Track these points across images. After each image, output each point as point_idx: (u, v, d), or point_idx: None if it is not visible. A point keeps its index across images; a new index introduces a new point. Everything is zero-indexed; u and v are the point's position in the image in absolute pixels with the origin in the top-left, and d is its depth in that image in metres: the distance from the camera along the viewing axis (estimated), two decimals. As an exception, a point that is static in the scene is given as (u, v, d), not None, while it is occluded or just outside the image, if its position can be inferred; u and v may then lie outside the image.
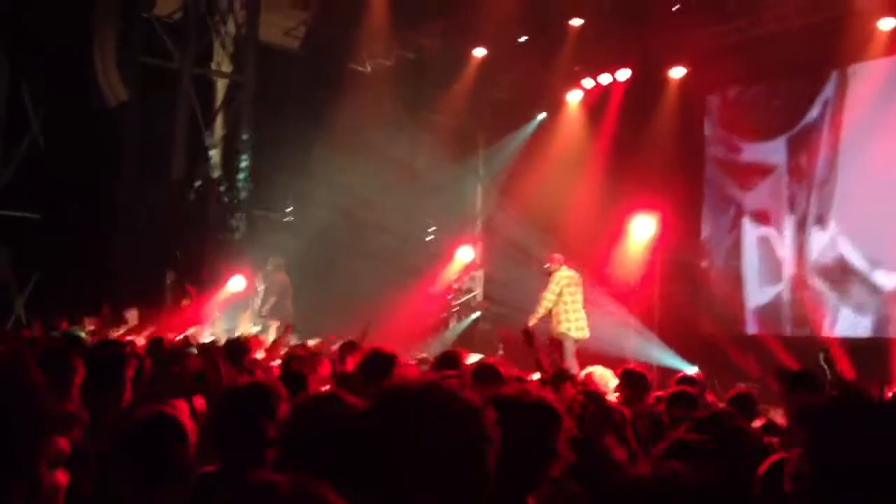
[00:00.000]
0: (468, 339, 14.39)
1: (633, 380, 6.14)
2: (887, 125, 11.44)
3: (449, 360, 6.28)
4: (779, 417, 6.18)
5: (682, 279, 13.21)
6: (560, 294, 11.14)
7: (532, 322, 10.89)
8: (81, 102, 13.29)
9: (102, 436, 3.88)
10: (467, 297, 15.87)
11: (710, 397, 6.32)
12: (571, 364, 10.11)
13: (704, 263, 13.59)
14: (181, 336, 8.82)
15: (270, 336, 11.57)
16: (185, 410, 3.79)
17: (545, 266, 11.54)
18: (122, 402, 4.51)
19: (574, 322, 11.14)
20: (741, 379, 11.34)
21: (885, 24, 11.44)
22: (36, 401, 1.60)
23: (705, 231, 13.77)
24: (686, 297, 13.11)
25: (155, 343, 7.05)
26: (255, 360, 7.12)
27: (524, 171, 15.01)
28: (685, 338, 12.61)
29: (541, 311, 11.13)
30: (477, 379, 5.75)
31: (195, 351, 6.90)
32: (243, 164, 14.56)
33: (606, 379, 6.62)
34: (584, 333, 11.22)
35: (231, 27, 15.27)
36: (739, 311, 13.08)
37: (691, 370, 12.49)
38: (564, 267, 11.35)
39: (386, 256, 14.32)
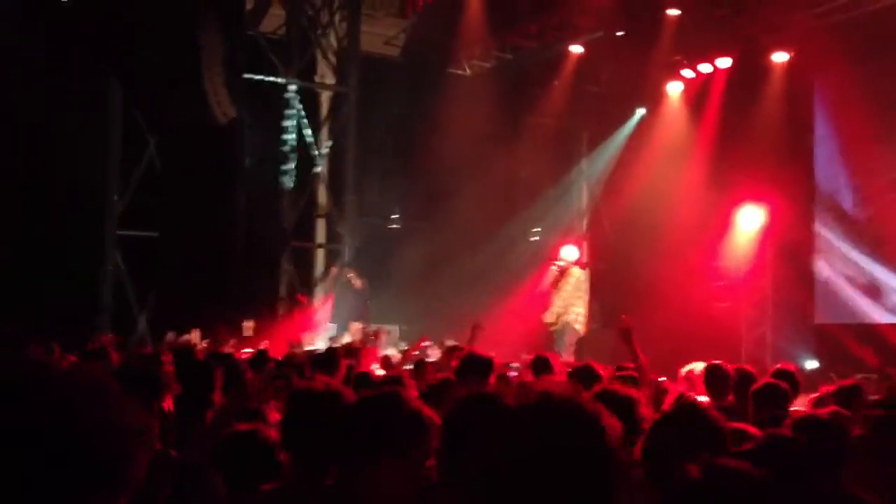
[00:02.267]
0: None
1: (715, 377, 6.07)
2: None
3: (542, 363, 6.36)
4: None
5: (793, 270, 12.84)
6: (575, 289, 11.66)
7: (548, 319, 11.50)
8: (193, 122, 13.81)
9: (192, 447, 4.07)
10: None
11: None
12: (569, 356, 10.46)
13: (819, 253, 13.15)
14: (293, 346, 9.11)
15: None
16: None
17: (556, 264, 12.02)
18: (210, 415, 4.69)
19: (578, 317, 11.94)
20: (860, 370, 11.00)
21: None
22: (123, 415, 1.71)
23: (818, 220, 13.32)
24: (798, 288, 12.73)
25: (259, 356, 7.31)
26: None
27: (628, 167, 14.86)
28: (799, 329, 12.26)
29: (558, 307, 11.69)
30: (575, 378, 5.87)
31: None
32: (348, 174, 14.89)
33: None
34: (583, 328, 12.05)
35: (333, 40, 15.64)
36: (854, 301, 12.61)
37: (811, 364, 12.23)
38: (576, 266, 11.86)
39: (491, 260, 14.42)
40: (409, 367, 8.14)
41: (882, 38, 11.88)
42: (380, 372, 7.50)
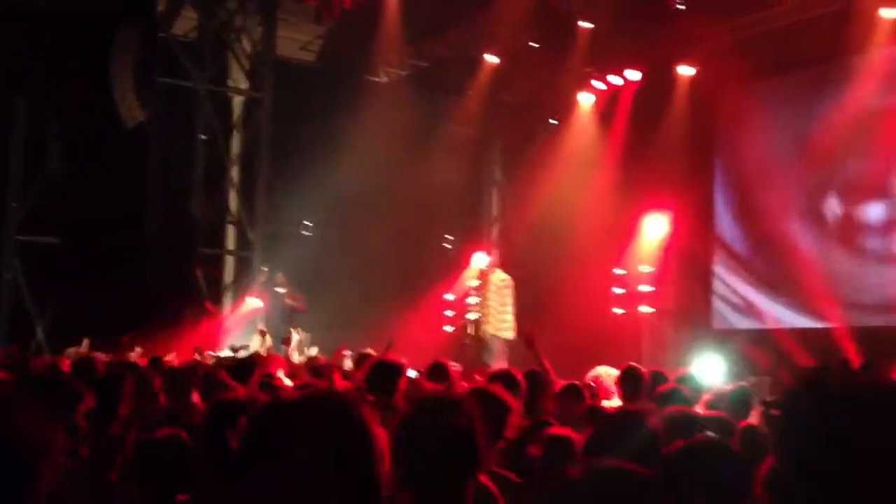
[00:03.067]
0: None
1: (631, 379, 6.20)
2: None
3: (438, 370, 6.43)
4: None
5: (694, 277, 13.21)
6: (497, 295, 11.78)
7: (477, 332, 11.59)
8: (100, 126, 13.52)
9: (101, 459, 4.00)
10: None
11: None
12: (501, 363, 10.57)
13: (718, 261, 13.57)
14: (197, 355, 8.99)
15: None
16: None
17: (478, 268, 12.16)
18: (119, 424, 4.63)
19: (505, 323, 12.07)
20: (754, 373, 11.38)
21: (887, 13, 11.38)
22: (29, 430, 1.68)
23: (719, 228, 13.74)
24: (699, 295, 13.11)
25: (154, 363, 7.20)
26: (271, 377, 7.20)
27: (539, 175, 15.07)
28: (701, 333, 12.62)
29: (485, 314, 11.79)
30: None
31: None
32: (261, 181, 14.74)
33: (613, 379, 6.70)
34: (512, 334, 12.05)
35: (247, 44, 15.46)
36: (754, 306, 13.02)
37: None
38: (499, 270, 11.93)
39: (403, 265, 14.45)
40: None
41: (779, 55, 12.32)
42: (287, 381, 7.44)
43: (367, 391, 5.53)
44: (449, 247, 16.04)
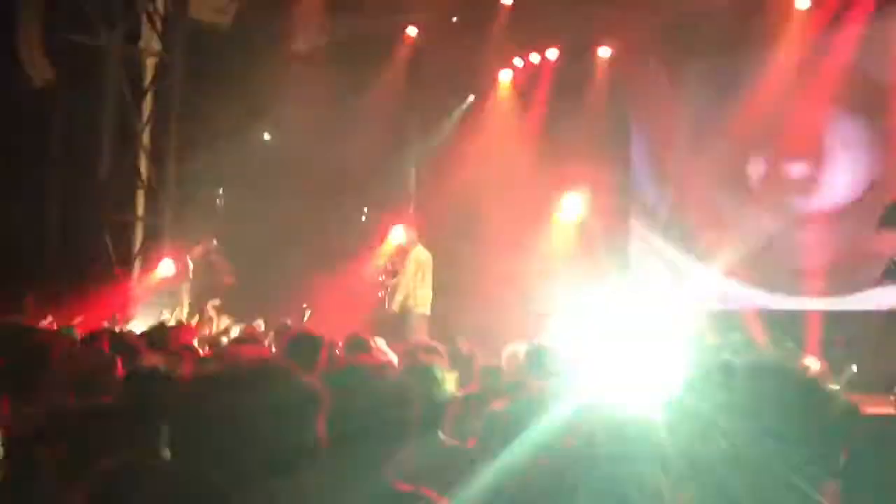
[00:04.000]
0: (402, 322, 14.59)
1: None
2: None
3: (358, 343, 6.45)
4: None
5: (610, 257, 13.48)
6: (416, 271, 11.88)
7: (396, 306, 11.65)
8: (6, 82, 12.99)
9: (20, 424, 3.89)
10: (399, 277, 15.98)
11: None
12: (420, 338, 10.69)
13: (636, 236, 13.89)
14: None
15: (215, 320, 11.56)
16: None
17: (403, 240, 12.26)
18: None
19: (422, 298, 12.08)
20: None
21: (802, 3, 11.75)
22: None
23: (634, 209, 14.04)
24: (613, 274, 13.37)
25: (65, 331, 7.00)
26: (187, 346, 7.09)
27: (458, 151, 15.10)
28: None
29: (403, 290, 11.94)
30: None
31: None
32: (172, 145, 14.39)
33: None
34: (427, 310, 12.13)
35: (160, 4, 15.01)
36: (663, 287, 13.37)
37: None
38: (420, 245, 12.04)
39: (319, 239, 14.33)
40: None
41: (701, 40, 12.60)
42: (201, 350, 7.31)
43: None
44: (365, 220, 15.95)
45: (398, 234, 14.99)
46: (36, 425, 3.78)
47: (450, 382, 5.65)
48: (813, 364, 11.09)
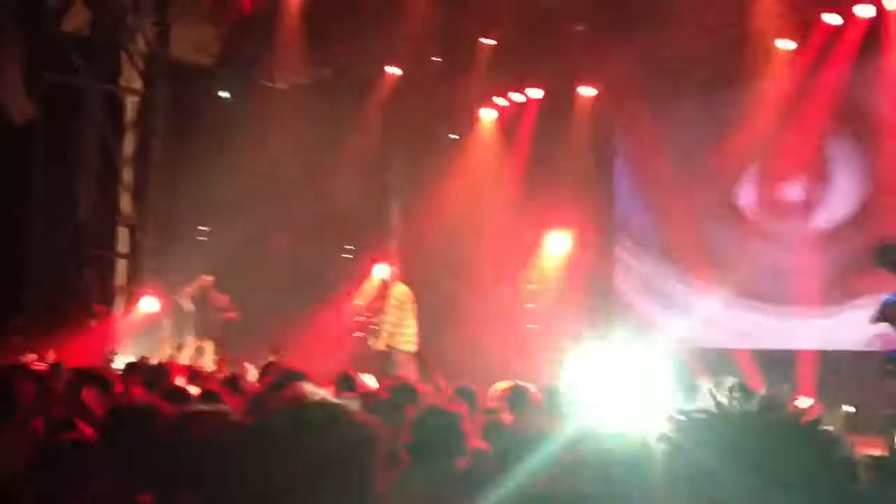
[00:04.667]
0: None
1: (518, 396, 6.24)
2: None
3: (346, 381, 6.40)
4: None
5: (597, 294, 13.49)
6: (399, 308, 11.83)
7: (379, 345, 11.57)
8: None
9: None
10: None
11: None
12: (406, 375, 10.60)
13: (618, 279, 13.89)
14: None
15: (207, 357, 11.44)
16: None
17: (382, 277, 12.23)
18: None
19: (407, 336, 11.98)
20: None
21: (783, 44, 11.92)
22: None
23: (619, 247, 14.08)
24: (601, 311, 13.38)
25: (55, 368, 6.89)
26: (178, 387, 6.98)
27: (440, 189, 15.12)
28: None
29: (386, 329, 11.85)
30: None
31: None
32: (153, 182, 14.34)
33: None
34: (414, 347, 12.00)
35: (141, 43, 15.04)
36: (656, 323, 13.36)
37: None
38: (400, 283, 12.00)
39: (302, 276, 14.25)
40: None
41: (682, 79, 12.75)
42: (192, 389, 7.20)
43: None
44: (350, 257, 15.89)
45: (380, 272, 14.97)
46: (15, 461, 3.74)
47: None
48: (806, 403, 11.10)
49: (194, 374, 8.38)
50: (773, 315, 12.20)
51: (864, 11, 11.40)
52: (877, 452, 7.17)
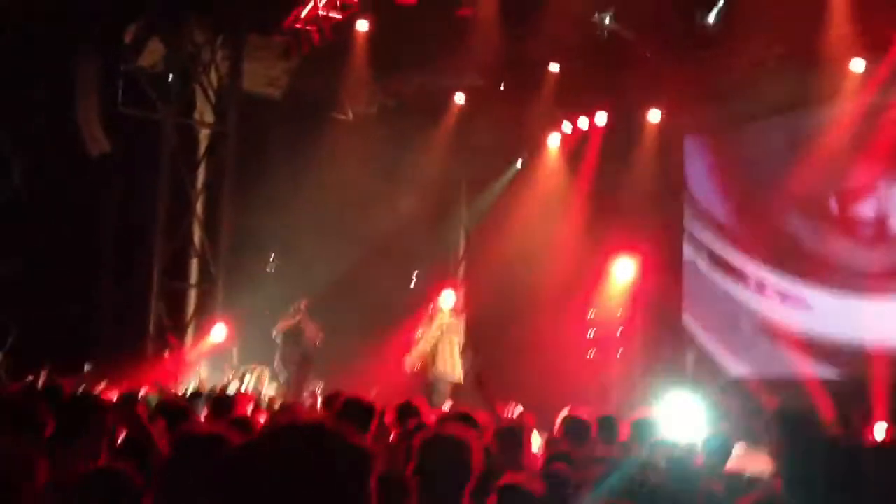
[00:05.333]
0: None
1: (574, 426, 6.12)
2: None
3: (408, 409, 6.35)
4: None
5: (664, 323, 13.25)
6: (441, 338, 11.71)
7: (408, 365, 11.49)
8: (64, 153, 13.32)
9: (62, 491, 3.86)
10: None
11: None
12: (446, 406, 10.46)
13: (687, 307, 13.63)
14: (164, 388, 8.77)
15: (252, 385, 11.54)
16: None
17: (432, 305, 12.10)
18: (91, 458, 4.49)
19: (451, 366, 11.90)
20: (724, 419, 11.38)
21: (856, 65, 11.62)
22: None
23: (686, 275, 13.82)
24: (669, 339, 13.14)
25: (127, 399, 7.00)
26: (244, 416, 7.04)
27: (506, 216, 15.11)
28: (672, 380, 12.64)
29: (419, 352, 11.72)
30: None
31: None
32: (225, 214, 14.61)
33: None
34: (459, 377, 11.93)
35: (214, 78, 15.38)
36: (723, 352, 13.08)
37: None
38: (446, 311, 11.87)
39: (370, 302, 14.33)
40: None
41: (752, 103, 12.52)
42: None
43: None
44: (414, 285, 15.95)
45: (446, 299, 14.96)
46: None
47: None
48: (882, 429, 10.73)
49: (260, 404, 8.47)
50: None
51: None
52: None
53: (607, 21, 11.98)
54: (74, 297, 12.42)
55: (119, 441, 5.31)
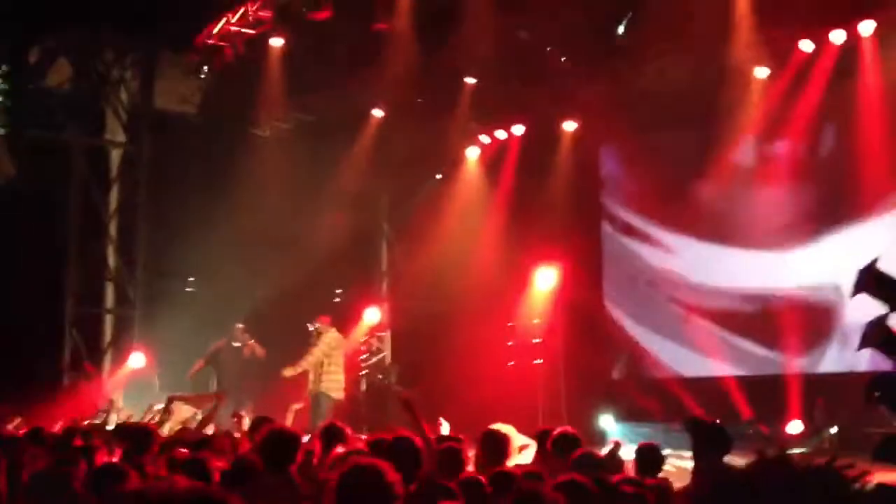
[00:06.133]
0: (381, 402, 14.43)
1: (493, 441, 6.09)
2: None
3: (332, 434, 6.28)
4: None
5: (586, 328, 13.42)
6: (327, 355, 11.82)
7: (288, 374, 11.63)
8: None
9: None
10: (376, 358, 15.90)
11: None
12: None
13: (607, 311, 13.85)
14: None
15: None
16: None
17: (315, 326, 12.19)
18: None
19: (335, 383, 12.06)
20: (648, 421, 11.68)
21: (760, 72, 11.99)
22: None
23: (606, 281, 14.05)
24: (590, 345, 13.31)
25: (34, 434, 6.78)
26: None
27: (428, 229, 15.11)
28: (593, 385, 12.82)
29: (303, 365, 11.79)
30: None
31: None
32: (141, 236, 14.29)
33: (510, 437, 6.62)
34: (341, 395, 12.20)
35: (124, 96, 15.05)
36: (643, 356, 13.34)
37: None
38: (333, 329, 11.98)
39: (292, 321, 14.15)
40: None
41: (661, 112, 12.79)
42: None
43: (263, 463, 5.30)
44: (339, 301, 15.84)
45: (371, 315, 14.90)
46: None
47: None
48: (796, 427, 11.06)
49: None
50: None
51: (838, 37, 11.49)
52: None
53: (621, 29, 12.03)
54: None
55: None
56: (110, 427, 8.95)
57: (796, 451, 10.30)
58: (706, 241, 13.00)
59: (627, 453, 6.50)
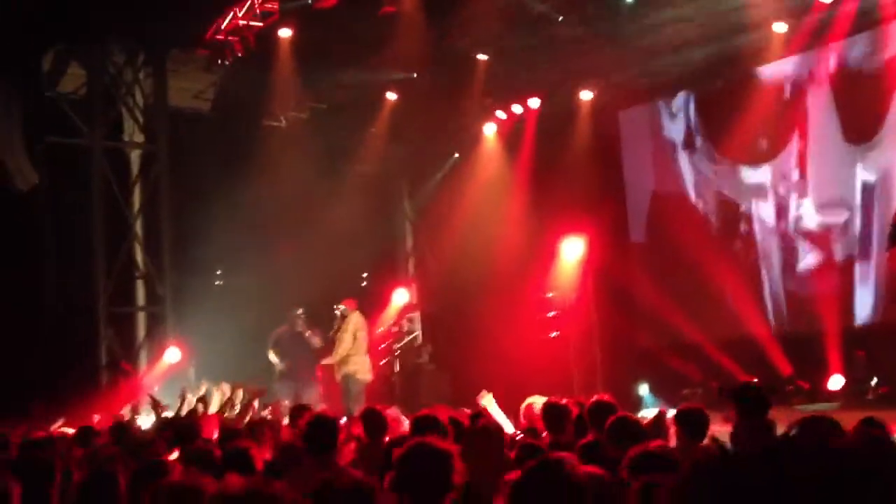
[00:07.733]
0: (415, 382, 14.47)
1: (554, 413, 6.09)
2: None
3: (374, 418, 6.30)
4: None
5: (614, 297, 13.37)
6: (354, 338, 11.87)
7: (326, 363, 11.62)
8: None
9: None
10: (408, 338, 15.92)
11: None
12: (359, 406, 10.55)
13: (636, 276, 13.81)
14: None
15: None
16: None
17: (340, 309, 12.19)
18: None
19: (361, 365, 12.10)
20: (685, 385, 11.64)
21: (778, 27, 11.84)
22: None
23: (634, 245, 14.00)
24: (620, 314, 13.27)
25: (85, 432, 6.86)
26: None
27: (452, 207, 15.12)
28: (625, 354, 12.79)
29: (340, 353, 11.82)
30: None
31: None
32: (166, 233, 14.38)
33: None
34: (369, 377, 12.23)
35: (139, 97, 15.13)
36: (678, 320, 13.25)
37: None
38: (357, 312, 12.00)
39: (321, 309, 14.22)
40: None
41: (668, 75, 12.70)
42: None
43: (306, 449, 5.33)
44: (365, 284, 15.89)
45: (401, 297, 14.94)
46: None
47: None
48: (837, 382, 10.98)
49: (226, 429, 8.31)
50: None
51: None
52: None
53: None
54: (19, 334, 12.09)
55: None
56: (153, 422, 9.04)
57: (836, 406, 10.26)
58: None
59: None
